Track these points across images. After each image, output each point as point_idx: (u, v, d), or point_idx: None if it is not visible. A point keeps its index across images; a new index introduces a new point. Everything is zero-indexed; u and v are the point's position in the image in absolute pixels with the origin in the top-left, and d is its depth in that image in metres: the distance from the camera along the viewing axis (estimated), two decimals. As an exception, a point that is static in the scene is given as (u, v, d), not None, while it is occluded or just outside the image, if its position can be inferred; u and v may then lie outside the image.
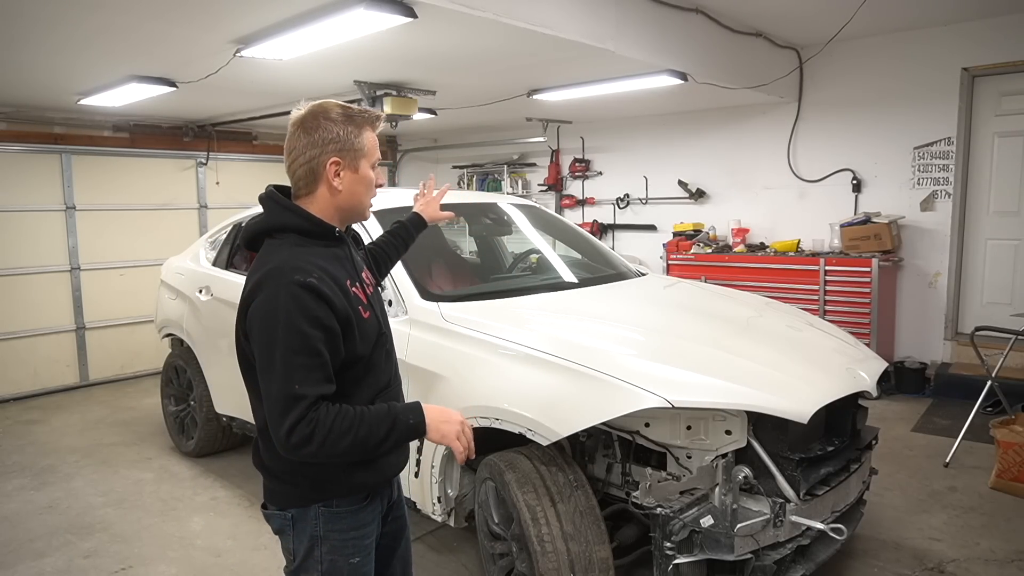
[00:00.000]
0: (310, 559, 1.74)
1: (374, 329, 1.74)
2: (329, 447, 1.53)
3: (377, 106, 5.44)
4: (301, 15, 3.58)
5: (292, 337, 1.54)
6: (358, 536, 1.76)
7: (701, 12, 4.90)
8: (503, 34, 3.93)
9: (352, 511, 1.75)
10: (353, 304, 1.67)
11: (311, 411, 1.52)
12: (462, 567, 3.30)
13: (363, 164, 1.73)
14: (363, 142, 1.72)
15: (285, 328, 1.54)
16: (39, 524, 3.87)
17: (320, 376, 1.56)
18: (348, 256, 1.78)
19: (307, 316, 1.55)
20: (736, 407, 2.45)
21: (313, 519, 1.72)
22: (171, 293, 4.95)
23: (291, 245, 1.67)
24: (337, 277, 1.65)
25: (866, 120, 6.02)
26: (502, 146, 8.72)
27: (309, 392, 1.53)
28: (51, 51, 4.23)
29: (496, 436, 2.73)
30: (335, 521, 1.73)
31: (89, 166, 6.76)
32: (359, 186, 1.73)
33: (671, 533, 2.38)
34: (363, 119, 1.73)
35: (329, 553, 1.74)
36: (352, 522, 1.75)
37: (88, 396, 6.56)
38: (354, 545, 1.76)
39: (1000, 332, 4.30)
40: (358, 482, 1.74)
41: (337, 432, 1.53)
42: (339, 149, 1.68)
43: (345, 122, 1.69)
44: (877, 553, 3.30)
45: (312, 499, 1.72)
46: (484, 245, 4.66)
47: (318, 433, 1.51)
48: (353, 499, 1.75)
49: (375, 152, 1.76)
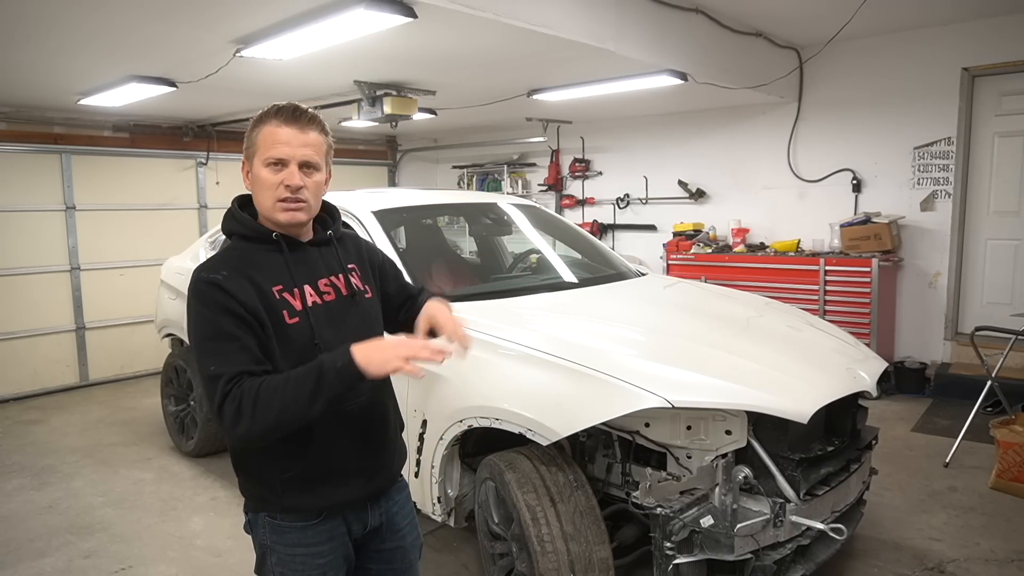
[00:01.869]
0: (265, 566, 1.73)
1: (302, 337, 1.62)
2: (260, 417, 1.46)
3: (377, 106, 5.43)
4: (301, 15, 3.58)
5: (202, 326, 1.55)
6: (307, 554, 1.67)
7: (701, 12, 4.90)
8: (503, 34, 3.93)
9: (297, 527, 1.67)
10: (273, 307, 1.59)
11: (233, 387, 1.47)
12: (462, 567, 3.30)
13: (256, 163, 1.63)
14: (256, 138, 1.63)
15: (196, 319, 1.56)
16: (39, 524, 3.87)
17: (239, 357, 1.51)
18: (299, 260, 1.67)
19: (213, 305, 1.54)
20: (736, 407, 2.45)
21: (261, 527, 1.70)
22: (171, 293, 4.95)
23: (229, 249, 1.68)
24: (258, 280, 1.59)
25: (866, 120, 6.02)
26: (502, 146, 8.72)
27: (226, 370, 1.49)
28: (51, 51, 4.23)
29: (496, 436, 2.73)
30: (280, 534, 1.68)
31: (89, 166, 6.76)
32: (256, 187, 1.65)
33: (671, 533, 2.37)
34: (266, 113, 1.63)
35: (278, 565, 1.69)
36: (298, 538, 1.67)
37: (88, 396, 6.56)
38: (303, 562, 1.67)
39: (1000, 332, 4.29)
40: (292, 503, 1.66)
41: (264, 399, 1.46)
42: (245, 150, 1.67)
43: (255, 122, 1.64)
44: (877, 553, 3.30)
45: (257, 507, 1.71)
46: (484, 245, 4.66)
47: (245, 406, 1.46)
48: (297, 516, 1.67)
49: (268, 148, 1.60)
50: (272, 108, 1.62)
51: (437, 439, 2.79)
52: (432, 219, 4.46)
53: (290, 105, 1.62)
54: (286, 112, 1.61)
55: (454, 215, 5.35)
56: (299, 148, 1.61)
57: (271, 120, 1.61)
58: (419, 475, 2.93)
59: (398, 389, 1.96)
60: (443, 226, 4.83)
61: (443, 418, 2.77)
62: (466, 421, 2.69)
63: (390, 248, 3.36)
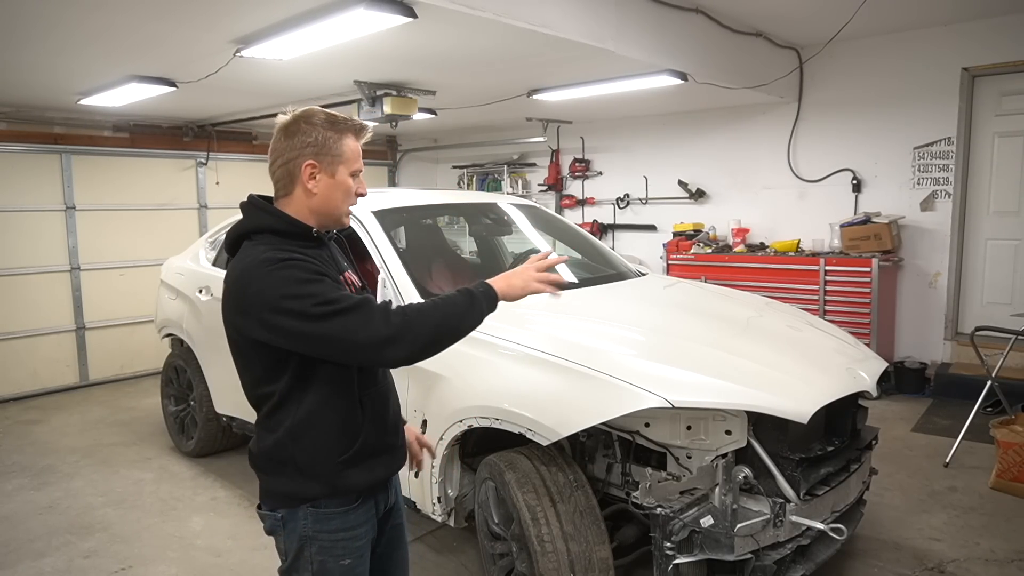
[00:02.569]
0: (300, 559, 1.74)
1: None
2: (423, 329, 1.60)
3: (377, 106, 5.43)
4: (301, 15, 3.58)
5: (304, 287, 1.57)
6: (348, 538, 1.75)
7: (701, 12, 4.90)
8: (503, 34, 3.93)
9: (341, 512, 1.73)
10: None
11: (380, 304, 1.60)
12: (462, 567, 3.30)
13: (340, 170, 1.73)
14: (342, 148, 1.72)
15: (284, 281, 1.57)
16: (39, 524, 3.87)
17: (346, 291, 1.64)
18: (329, 257, 1.77)
19: (304, 274, 1.59)
20: (736, 407, 2.45)
21: (302, 519, 1.72)
22: (171, 293, 4.95)
23: (268, 245, 1.68)
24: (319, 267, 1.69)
25: (866, 120, 6.02)
26: (502, 146, 8.72)
27: (350, 296, 1.60)
28: (51, 51, 4.23)
29: (496, 436, 2.73)
30: (324, 522, 1.72)
31: (89, 166, 6.76)
32: (335, 192, 1.73)
33: (671, 533, 2.37)
34: (346, 126, 1.73)
35: (319, 554, 1.73)
36: (341, 523, 1.74)
37: (88, 396, 6.56)
38: (344, 547, 1.74)
39: (1000, 332, 4.29)
40: (349, 483, 1.73)
41: (426, 312, 1.62)
42: (316, 153, 1.69)
43: (326, 127, 1.70)
44: (877, 553, 3.30)
45: (300, 499, 1.72)
46: (484, 245, 4.66)
47: (410, 309, 1.62)
48: (342, 500, 1.74)
49: (355, 161, 1.75)
50: (353, 123, 1.75)
51: (437, 439, 2.79)
52: (432, 219, 4.46)
53: (361, 122, 1.78)
54: (360, 129, 1.77)
55: (454, 215, 5.35)
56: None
57: (350, 135, 1.75)
58: (419, 475, 2.93)
59: (398, 389, 1.97)
60: (443, 226, 4.83)
61: (443, 418, 2.77)
62: (466, 421, 2.69)
63: (390, 248, 3.36)
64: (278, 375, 1.67)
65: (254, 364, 1.70)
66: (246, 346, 1.68)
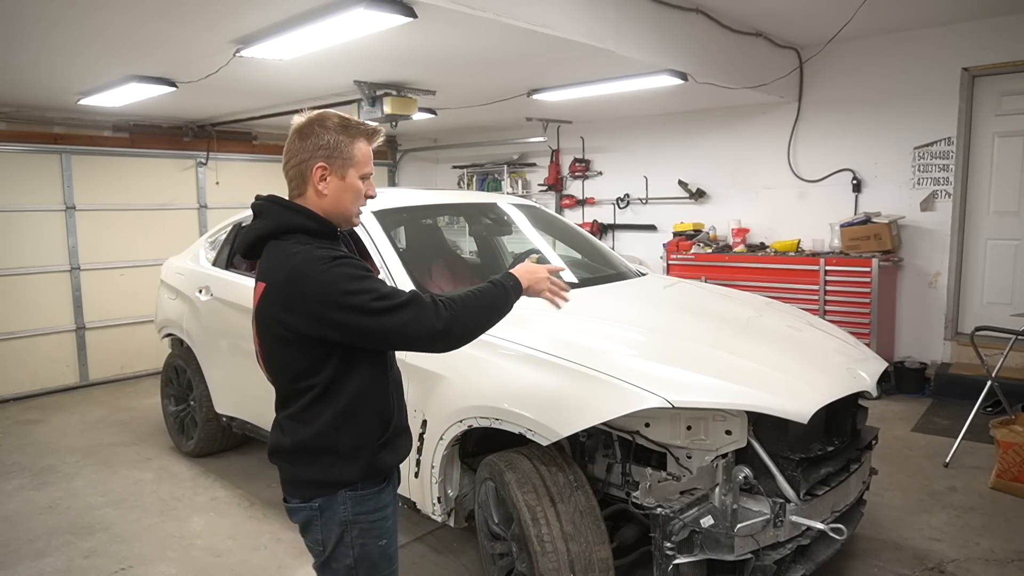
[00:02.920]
0: (341, 546, 1.78)
1: None
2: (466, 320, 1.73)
3: (377, 106, 5.44)
4: (301, 15, 3.58)
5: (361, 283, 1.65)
6: (382, 518, 1.83)
7: (701, 12, 4.90)
8: (503, 34, 3.93)
9: (375, 493, 1.81)
10: None
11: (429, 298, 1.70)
12: (462, 567, 3.30)
13: (351, 173, 1.78)
14: (353, 152, 1.78)
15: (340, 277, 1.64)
16: (39, 524, 3.87)
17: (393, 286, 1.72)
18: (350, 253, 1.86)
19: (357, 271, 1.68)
20: (736, 407, 2.45)
21: (341, 504, 1.77)
22: (171, 293, 4.95)
23: (302, 242, 1.73)
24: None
25: (866, 120, 6.02)
26: (502, 146, 8.72)
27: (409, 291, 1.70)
28: (51, 51, 4.23)
29: (496, 436, 2.73)
30: (362, 504, 1.79)
31: (89, 166, 6.76)
32: (345, 193, 1.79)
33: (671, 533, 2.38)
34: (358, 130, 1.79)
35: (359, 537, 1.79)
36: (376, 503, 1.81)
37: (88, 396, 6.56)
38: (380, 527, 1.82)
39: (1000, 332, 4.29)
40: (383, 463, 1.82)
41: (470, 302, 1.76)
42: (327, 156, 1.75)
43: (339, 131, 1.76)
44: (877, 553, 3.30)
45: (340, 485, 1.77)
46: (484, 245, 4.65)
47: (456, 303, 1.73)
48: (375, 481, 1.82)
49: (366, 164, 1.81)
50: (366, 127, 1.82)
51: (437, 439, 2.79)
52: (432, 219, 4.46)
53: (374, 127, 1.84)
54: (373, 134, 1.83)
55: (454, 215, 5.35)
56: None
57: (362, 139, 1.81)
58: (419, 475, 2.93)
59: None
60: (443, 226, 4.83)
61: (443, 418, 2.77)
62: (466, 421, 2.69)
63: (390, 248, 3.36)
64: (321, 367, 1.72)
65: (297, 359, 1.73)
66: (294, 342, 1.71)
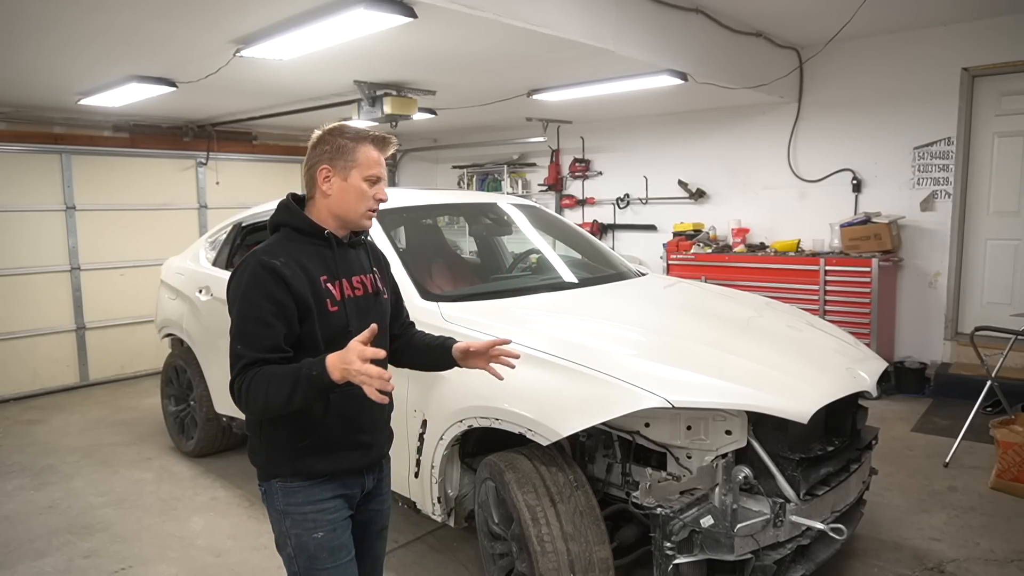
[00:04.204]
0: (280, 535, 1.90)
1: (339, 323, 1.85)
2: (251, 404, 1.70)
3: (377, 106, 5.44)
4: (301, 15, 3.58)
5: (245, 307, 1.76)
6: (317, 511, 1.86)
7: (701, 12, 4.90)
8: (503, 34, 3.93)
9: (305, 486, 1.86)
10: (319, 294, 1.82)
11: (246, 371, 1.70)
12: (462, 567, 3.30)
13: (353, 174, 1.86)
14: (356, 154, 1.85)
15: (242, 298, 1.76)
16: (39, 524, 3.87)
17: (265, 344, 1.72)
18: (341, 257, 1.91)
19: (261, 289, 1.75)
20: (736, 407, 2.45)
21: (275, 493, 1.88)
22: (171, 293, 4.95)
23: (281, 239, 1.87)
24: (309, 268, 1.82)
25: (866, 120, 6.02)
26: (502, 146, 8.72)
27: (247, 354, 1.71)
28: (51, 51, 4.23)
29: (496, 436, 2.73)
30: (291, 495, 1.86)
31: (89, 166, 6.75)
32: (347, 194, 1.87)
33: (671, 533, 2.37)
34: (365, 136, 1.87)
35: (293, 527, 1.86)
36: (306, 496, 1.85)
37: (88, 396, 6.56)
38: (315, 520, 1.85)
39: (1000, 332, 4.29)
40: (306, 468, 1.85)
41: (254, 390, 1.68)
42: (331, 158, 1.86)
43: (346, 137, 1.86)
44: (877, 553, 3.30)
45: (271, 474, 1.88)
46: (484, 245, 4.65)
47: (243, 391, 1.70)
48: (305, 477, 1.86)
49: (371, 167, 1.87)
50: (370, 132, 1.89)
51: (437, 439, 2.79)
52: (432, 219, 4.46)
53: (386, 136, 1.91)
54: (381, 141, 1.90)
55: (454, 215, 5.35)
56: (383, 169, 1.93)
57: (368, 143, 1.87)
58: (419, 475, 2.93)
59: (398, 389, 1.99)
60: (443, 226, 4.83)
61: (443, 418, 2.77)
62: (466, 421, 2.69)
63: (390, 248, 3.36)
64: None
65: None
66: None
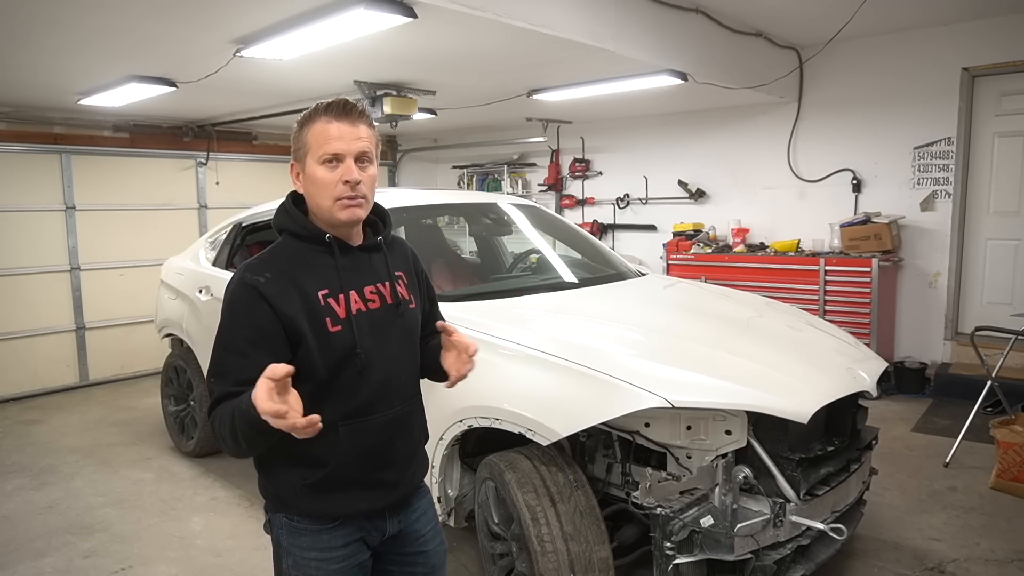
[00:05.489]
0: (279, 573, 1.71)
1: (343, 345, 1.58)
2: (223, 446, 1.51)
3: (377, 106, 5.43)
4: (301, 15, 3.58)
5: (222, 333, 1.55)
6: (321, 559, 1.64)
7: (701, 12, 4.90)
8: (503, 34, 3.93)
9: (313, 531, 1.64)
10: (315, 313, 1.56)
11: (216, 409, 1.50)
12: (462, 567, 3.30)
13: (308, 162, 1.58)
14: (306, 139, 1.58)
15: (222, 323, 1.56)
16: (39, 524, 3.87)
17: (238, 377, 1.47)
18: (348, 265, 1.64)
19: (241, 314, 1.54)
20: (736, 407, 2.45)
21: (279, 527, 1.68)
22: (171, 293, 4.95)
23: (280, 246, 1.65)
24: (304, 283, 1.57)
25: (866, 120, 6.02)
26: (502, 146, 8.72)
27: (217, 389, 1.51)
28: (51, 51, 4.23)
29: (496, 436, 2.73)
30: (295, 536, 1.65)
31: (89, 166, 6.75)
32: (310, 188, 1.60)
33: (671, 533, 2.37)
34: (315, 110, 1.58)
35: (293, 568, 1.66)
36: (312, 542, 1.64)
37: (88, 396, 6.56)
38: (317, 568, 1.64)
39: (1000, 332, 4.29)
40: (310, 507, 1.63)
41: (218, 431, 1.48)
42: (294, 152, 1.63)
43: (299, 121, 1.61)
44: (877, 553, 3.30)
45: (275, 507, 1.69)
46: (484, 245, 4.66)
47: (214, 432, 1.49)
48: (314, 519, 1.64)
49: (322, 144, 1.55)
50: (320, 105, 1.57)
51: (437, 439, 2.79)
52: (432, 219, 4.46)
53: (339, 100, 1.57)
54: (336, 107, 1.56)
55: (454, 215, 5.35)
56: (353, 142, 1.56)
57: (320, 117, 1.56)
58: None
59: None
60: (443, 226, 4.83)
61: (443, 418, 2.76)
62: (466, 421, 2.69)
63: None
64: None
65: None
66: None
